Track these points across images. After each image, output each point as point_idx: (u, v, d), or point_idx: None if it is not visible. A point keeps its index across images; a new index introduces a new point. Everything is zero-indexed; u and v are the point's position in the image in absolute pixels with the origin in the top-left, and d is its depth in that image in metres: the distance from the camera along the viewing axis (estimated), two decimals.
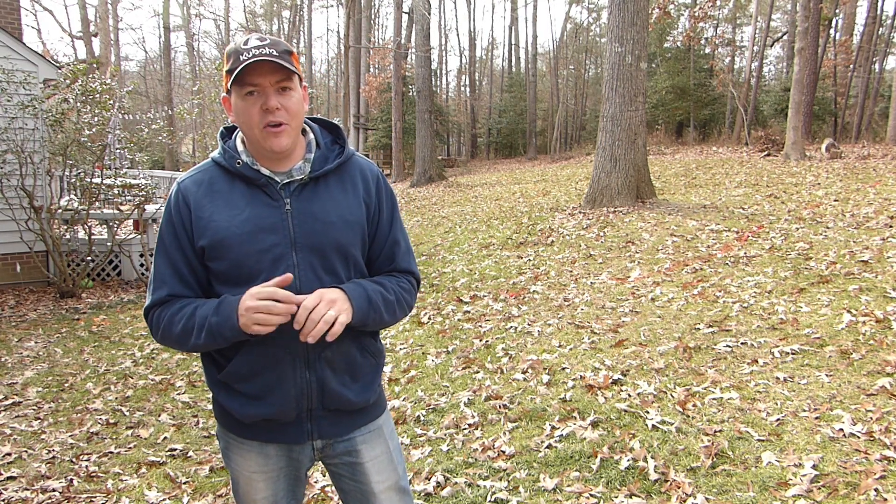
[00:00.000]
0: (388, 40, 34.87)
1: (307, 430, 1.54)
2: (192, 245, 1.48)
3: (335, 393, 1.51)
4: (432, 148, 21.47)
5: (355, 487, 1.62)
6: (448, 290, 6.48)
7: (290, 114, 1.43)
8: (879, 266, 5.11)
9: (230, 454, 1.60)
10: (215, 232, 1.45)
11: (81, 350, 5.64)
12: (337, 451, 1.59)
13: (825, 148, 14.32)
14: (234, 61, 1.40)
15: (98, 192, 8.26)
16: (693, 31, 20.33)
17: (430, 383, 4.12)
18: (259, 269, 1.44)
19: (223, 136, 1.58)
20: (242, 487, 1.61)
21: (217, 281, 1.50)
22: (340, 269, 1.52)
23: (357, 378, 1.55)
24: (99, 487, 3.19)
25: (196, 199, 1.48)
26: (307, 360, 1.48)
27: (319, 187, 1.52)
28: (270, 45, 1.41)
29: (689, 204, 9.26)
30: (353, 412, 1.58)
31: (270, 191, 1.47)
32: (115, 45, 33.62)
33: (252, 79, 1.40)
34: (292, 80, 1.44)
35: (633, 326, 4.62)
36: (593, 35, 40.77)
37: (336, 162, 1.54)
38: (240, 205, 1.46)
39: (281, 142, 1.43)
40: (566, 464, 2.86)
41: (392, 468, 1.63)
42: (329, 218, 1.49)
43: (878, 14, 22.80)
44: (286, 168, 1.50)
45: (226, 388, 1.52)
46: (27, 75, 7.75)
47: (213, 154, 1.55)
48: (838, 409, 3.01)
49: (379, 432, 1.63)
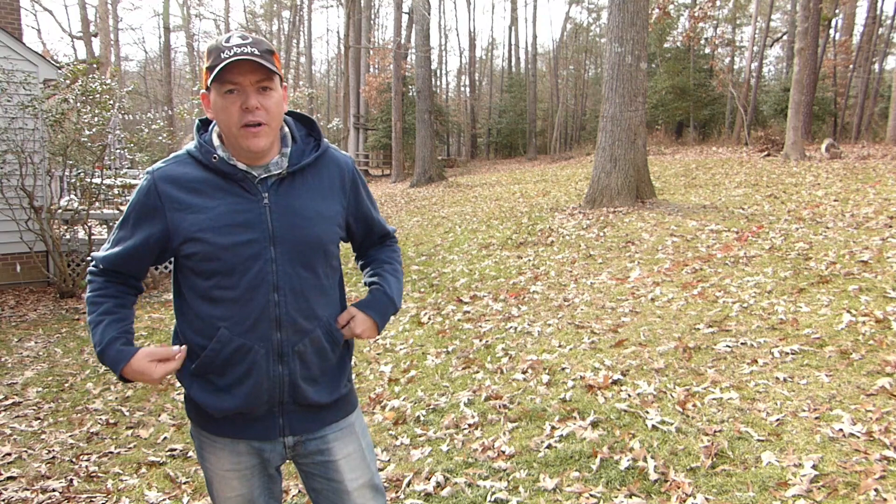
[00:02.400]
0: (388, 40, 34.88)
1: (279, 426, 1.54)
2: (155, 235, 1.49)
3: (305, 388, 1.53)
4: (432, 148, 21.47)
5: (328, 486, 1.61)
6: (448, 291, 6.48)
7: (269, 114, 1.43)
8: (879, 266, 5.12)
9: (203, 452, 1.61)
10: (191, 224, 1.44)
11: (81, 350, 5.64)
12: (309, 449, 1.59)
13: (825, 148, 14.32)
14: (214, 58, 1.40)
15: (98, 192, 8.26)
16: (693, 31, 20.34)
17: (430, 383, 4.12)
18: (235, 262, 1.45)
19: (198, 129, 1.57)
20: (216, 486, 1.61)
21: (192, 273, 1.49)
22: (318, 264, 1.53)
23: (326, 371, 1.58)
24: (99, 487, 3.19)
25: (169, 191, 1.47)
26: (280, 354, 1.49)
27: (297, 181, 1.52)
28: (252, 43, 1.41)
29: (688, 204, 9.27)
30: (324, 408, 1.58)
31: (248, 185, 1.47)
32: (115, 46, 33.62)
33: (232, 77, 1.39)
34: (273, 80, 1.44)
35: (633, 326, 4.62)
36: (593, 35, 40.77)
37: (313, 156, 1.55)
38: (216, 197, 1.46)
39: (259, 142, 1.44)
40: (566, 464, 2.86)
41: (365, 466, 1.64)
42: (308, 213, 1.51)
43: (877, 14, 22.81)
44: (263, 162, 1.50)
45: (198, 380, 1.52)
46: (27, 75, 7.75)
47: (189, 146, 1.54)
48: (838, 409, 3.01)
49: (351, 429, 1.63)
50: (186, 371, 1.53)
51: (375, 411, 3.83)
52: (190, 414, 1.61)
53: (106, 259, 1.55)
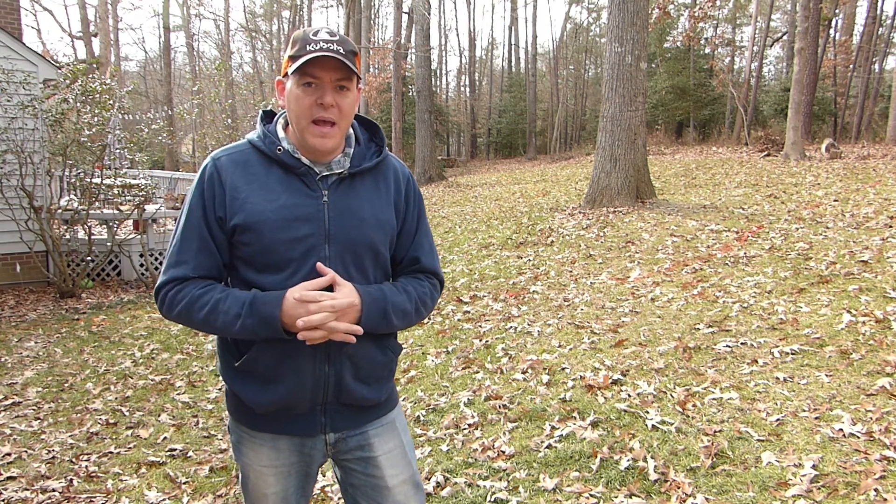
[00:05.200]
0: (388, 40, 34.87)
1: (320, 423, 1.53)
2: (222, 223, 1.46)
3: (351, 389, 1.51)
4: (432, 148, 21.48)
5: (367, 482, 1.59)
6: (448, 290, 6.48)
7: (342, 113, 1.44)
8: (879, 266, 5.11)
9: (241, 448, 1.59)
10: (249, 214, 1.42)
11: (81, 350, 5.63)
12: (349, 445, 1.57)
13: (825, 148, 14.32)
14: (299, 48, 1.40)
15: (98, 192, 8.26)
16: (693, 31, 20.34)
17: (430, 383, 4.12)
18: (290, 257, 1.43)
19: (263, 119, 1.56)
20: (252, 482, 1.59)
21: (244, 264, 1.48)
22: (369, 267, 1.52)
23: (374, 375, 1.56)
24: (99, 487, 3.19)
25: (231, 178, 1.46)
26: (328, 354, 1.47)
27: (356, 183, 1.52)
28: (339, 42, 1.41)
29: (688, 204, 9.27)
30: (367, 407, 1.57)
31: (309, 181, 1.47)
32: (115, 45, 33.61)
33: (314, 71, 1.40)
34: (352, 80, 1.45)
35: (633, 326, 4.62)
36: (593, 35, 40.76)
37: (374, 160, 1.56)
38: (277, 190, 1.45)
39: (326, 143, 1.44)
40: (566, 464, 2.86)
41: (406, 462, 1.62)
42: (363, 214, 1.50)
43: (877, 14, 22.80)
44: (326, 160, 1.50)
45: (241, 375, 1.50)
46: (27, 75, 7.74)
47: (251, 136, 1.53)
48: (838, 409, 3.01)
49: (392, 426, 1.62)
50: (230, 366, 1.52)
51: None
52: (230, 408, 1.60)
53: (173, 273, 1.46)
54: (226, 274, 1.53)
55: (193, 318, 1.43)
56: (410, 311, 1.55)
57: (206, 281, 1.47)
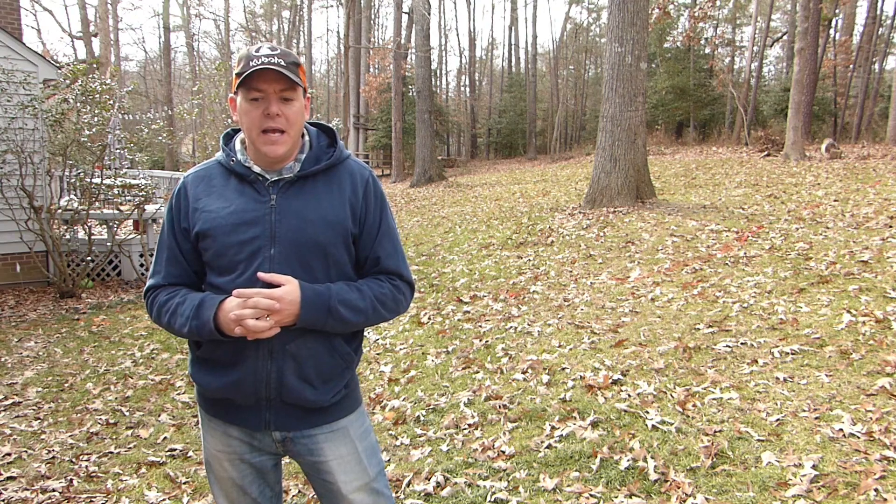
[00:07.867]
0: (388, 40, 34.88)
1: (265, 419, 1.58)
2: (187, 234, 1.60)
3: (292, 388, 1.55)
4: (432, 148, 21.47)
5: (324, 487, 1.65)
6: (448, 291, 6.48)
7: (289, 122, 1.51)
8: (879, 266, 5.12)
9: (203, 432, 1.70)
10: (205, 221, 1.55)
11: (81, 350, 5.63)
12: (299, 448, 1.62)
13: (825, 148, 14.32)
14: (243, 65, 1.50)
15: (98, 192, 8.26)
16: (693, 31, 20.34)
17: (430, 383, 4.12)
18: (238, 259, 1.53)
19: (225, 139, 1.68)
20: (212, 465, 1.69)
21: (209, 269, 1.61)
22: (317, 267, 1.56)
23: (321, 376, 1.58)
24: (99, 487, 3.19)
25: (195, 192, 1.60)
26: (270, 350, 1.53)
27: (307, 186, 1.58)
28: (280, 55, 1.50)
29: (688, 204, 9.27)
30: (312, 410, 1.59)
31: (259, 187, 1.57)
32: (115, 46, 33.60)
33: (258, 84, 1.49)
34: (295, 90, 1.52)
35: (633, 326, 4.62)
36: (593, 35, 40.76)
37: (325, 163, 1.61)
38: (230, 198, 1.57)
39: (277, 150, 1.53)
40: (566, 464, 2.86)
41: (361, 469, 1.64)
42: (309, 216, 1.55)
43: (877, 14, 22.80)
44: (278, 167, 1.58)
45: (199, 361, 1.62)
46: (27, 75, 7.74)
47: (217, 155, 1.67)
48: (838, 410, 3.01)
49: (344, 432, 1.63)
50: (193, 352, 1.64)
51: (375, 411, 3.83)
52: (196, 394, 1.71)
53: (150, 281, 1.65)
54: (197, 280, 1.66)
55: (163, 322, 1.59)
56: (365, 308, 1.56)
57: (175, 287, 1.62)
